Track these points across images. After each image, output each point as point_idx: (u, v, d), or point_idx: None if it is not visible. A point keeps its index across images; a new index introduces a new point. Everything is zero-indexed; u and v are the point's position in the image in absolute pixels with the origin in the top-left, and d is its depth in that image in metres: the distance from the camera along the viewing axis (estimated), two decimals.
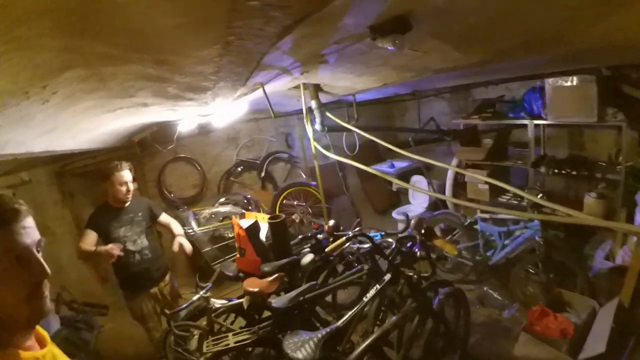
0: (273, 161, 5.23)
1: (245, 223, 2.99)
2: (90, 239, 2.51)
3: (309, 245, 2.86)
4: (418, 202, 4.95)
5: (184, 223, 3.83)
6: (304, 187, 4.83)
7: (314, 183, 4.97)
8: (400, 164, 5.22)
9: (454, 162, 4.24)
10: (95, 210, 2.69)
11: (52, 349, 0.84)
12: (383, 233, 2.87)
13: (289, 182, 4.98)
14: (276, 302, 2.17)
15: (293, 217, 4.79)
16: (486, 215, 3.61)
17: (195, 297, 2.48)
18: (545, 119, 3.39)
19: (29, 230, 0.79)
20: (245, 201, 4.62)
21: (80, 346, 2.90)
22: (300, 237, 2.97)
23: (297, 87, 2.87)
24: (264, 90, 2.26)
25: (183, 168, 4.75)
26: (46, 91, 1.13)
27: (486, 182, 3.84)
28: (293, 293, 2.18)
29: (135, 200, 2.77)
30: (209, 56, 1.21)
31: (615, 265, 2.80)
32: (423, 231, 2.38)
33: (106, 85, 1.35)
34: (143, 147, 4.33)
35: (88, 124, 1.96)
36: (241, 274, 2.92)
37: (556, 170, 3.42)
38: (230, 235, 4.12)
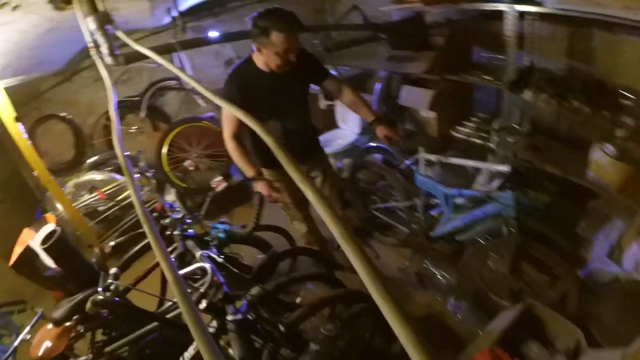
0: (159, 93, 3.71)
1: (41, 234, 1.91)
2: None
3: None
4: (348, 126, 3.46)
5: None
6: (195, 124, 3.42)
7: (210, 114, 3.56)
8: None
9: (383, 74, 2.87)
10: None
11: None
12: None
13: (174, 120, 3.59)
14: None
15: (185, 164, 3.48)
16: (432, 158, 2.33)
17: None
18: (542, 3, 1.97)
19: None
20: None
21: None
22: None
23: None
24: None
25: (55, 127, 3.59)
26: None
27: (430, 109, 2.58)
28: None
29: None
30: None
31: (622, 273, 1.70)
32: None
33: None
34: None
35: None
36: None
37: (549, 97, 2.12)
38: (108, 206, 3.07)
